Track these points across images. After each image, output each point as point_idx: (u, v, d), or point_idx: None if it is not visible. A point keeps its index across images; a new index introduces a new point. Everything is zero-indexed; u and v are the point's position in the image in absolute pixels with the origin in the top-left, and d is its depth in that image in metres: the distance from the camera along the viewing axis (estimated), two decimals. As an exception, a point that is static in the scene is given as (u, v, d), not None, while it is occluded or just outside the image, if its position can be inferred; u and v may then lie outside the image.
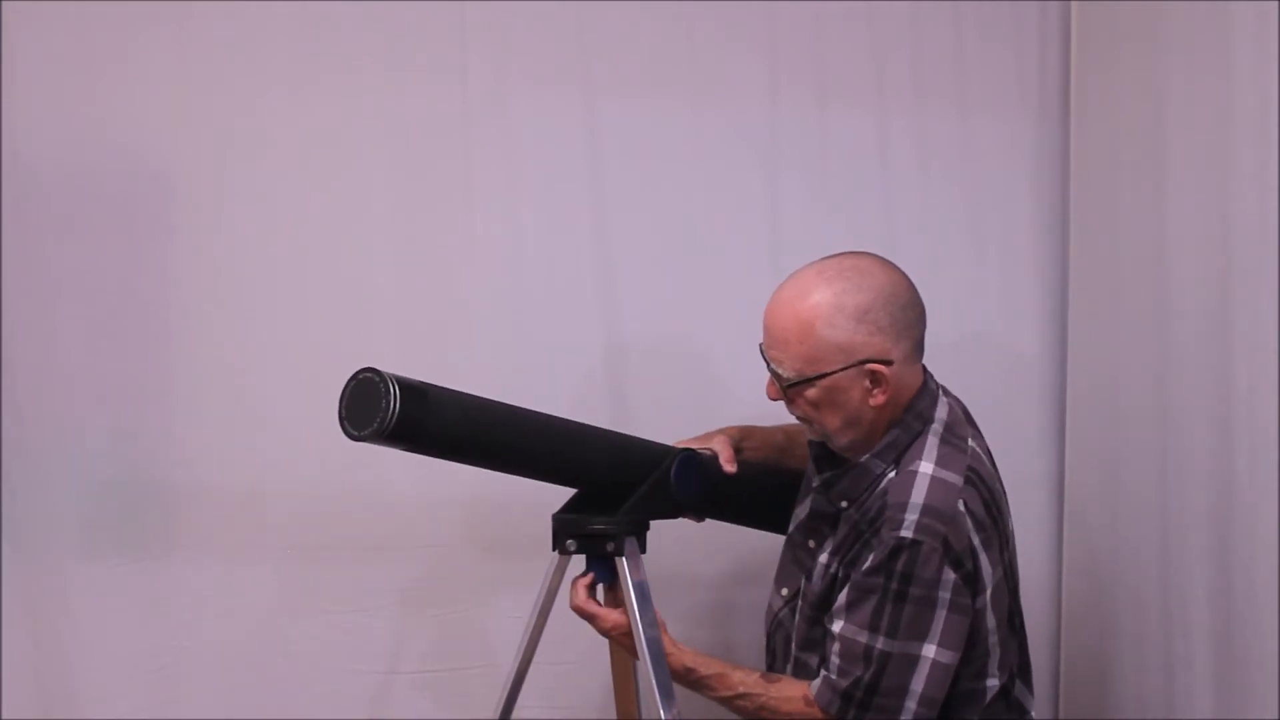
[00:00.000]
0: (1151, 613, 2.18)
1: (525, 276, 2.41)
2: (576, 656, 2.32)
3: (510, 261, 2.40)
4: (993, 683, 1.92)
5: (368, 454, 1.88)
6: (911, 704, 1.84)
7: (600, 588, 1.98)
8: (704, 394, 2.46)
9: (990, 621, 1.90)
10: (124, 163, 2.25)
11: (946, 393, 2.00)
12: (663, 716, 1.89)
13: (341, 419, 1.76)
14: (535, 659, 2.07)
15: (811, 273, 1.91)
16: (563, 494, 2.03)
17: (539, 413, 1.94)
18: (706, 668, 1.95)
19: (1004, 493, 1.99)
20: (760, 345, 1.95)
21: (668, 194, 2.47)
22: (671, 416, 2.32)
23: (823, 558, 1.97)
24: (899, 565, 1.83)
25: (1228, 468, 1.99)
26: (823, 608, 1.95)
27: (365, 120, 2.34)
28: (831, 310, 1.86)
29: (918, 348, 1.94)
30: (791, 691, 1.93)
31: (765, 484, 2.20)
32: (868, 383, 1.88)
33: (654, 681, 1.90)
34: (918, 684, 1.83)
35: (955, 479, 1.88)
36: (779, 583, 2.07)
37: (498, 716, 2.07)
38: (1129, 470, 2.23)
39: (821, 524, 2.01)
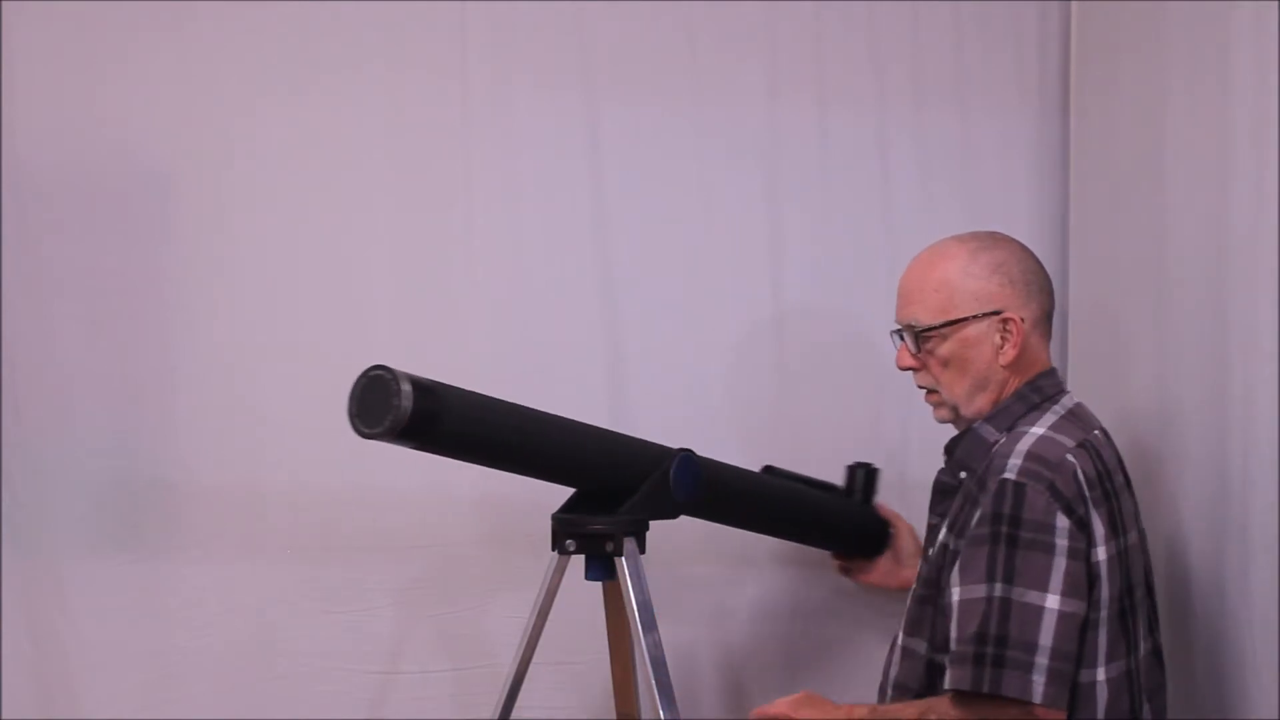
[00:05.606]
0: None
1: (525, 277, 2.40)
2: (576, 656, 2.32)
3: (510, 261, 2.40)
4: (1099, 677, 1.80)
5: (368, 454, 1.88)
6: (1043, 660, 1.72)
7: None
8: (704, 394, 2.46)
9: (1104, 591, 1.80)
10: (123, 163, 2.26)
11: (1081, 405, 1.99)
12: (663, 717, 1.89)
13: (352, 416, 1.75)
14: (535, 659, 2.07)
15: (947, 239, 2.02)
16: (563, 494, 2.03)
17: (541, 411, 1.94)
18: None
19: (1129, 488, 1.95)
20: (894, 326, 2.01)
21: (667, 194, 2.47)
22: (671, 417, 2.33)
23: (942, 534, 1.93)
24: (1005, 508, 1.78)
25: (1228, 466, 1.99)
26: (934, 584, 1.89)
27: (365, 120, 2.34)
28: (967, 260, 1.96)
29: (1046, 319, 2.00)
30: (933, 702, 1.81)
31: (767, 487, 2.20)
32: (998, 338, 1.94)
33: (654, 682, 1.90)
34: (1045, 638, 1.73)
35: (1067, 441, 1.86)
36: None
37: (497, 716, 2.08)
38: (1129, 468, 2.22)
39: (944, 499, 1.98)
